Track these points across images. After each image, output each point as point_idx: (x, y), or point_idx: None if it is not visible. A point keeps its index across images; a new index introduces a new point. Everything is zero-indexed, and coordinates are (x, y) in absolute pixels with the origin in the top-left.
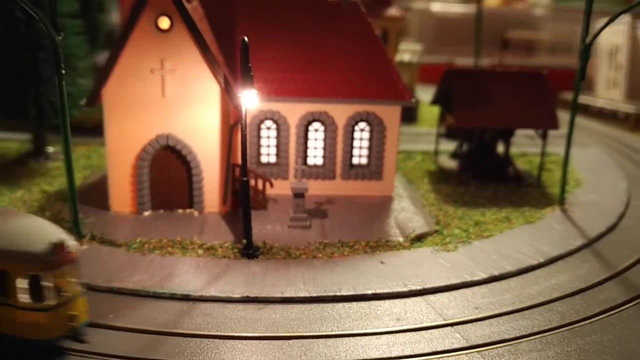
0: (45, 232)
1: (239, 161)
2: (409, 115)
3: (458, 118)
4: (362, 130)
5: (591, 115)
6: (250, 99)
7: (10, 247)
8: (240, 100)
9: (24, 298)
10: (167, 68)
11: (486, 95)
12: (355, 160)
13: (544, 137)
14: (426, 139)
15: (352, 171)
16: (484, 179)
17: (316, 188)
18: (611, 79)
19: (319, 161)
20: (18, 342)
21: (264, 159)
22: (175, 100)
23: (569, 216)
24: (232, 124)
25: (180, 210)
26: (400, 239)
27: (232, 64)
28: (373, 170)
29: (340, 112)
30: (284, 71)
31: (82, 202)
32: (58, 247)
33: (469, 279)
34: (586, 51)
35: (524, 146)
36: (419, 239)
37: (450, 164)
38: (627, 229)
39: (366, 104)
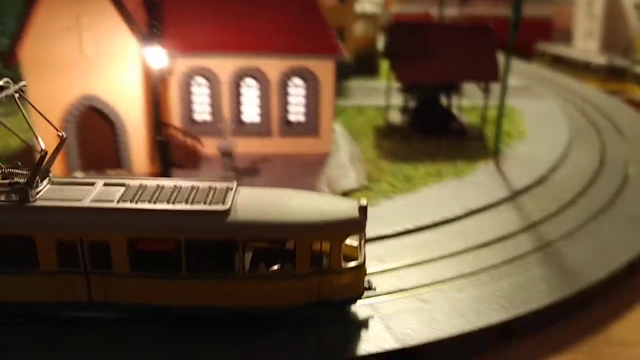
0: (331, 200)
1: (171, 120)
2: (370, 68)
3: (400, 72)
4: (296, 86)
5: (566, 67)
6: (156, 57)
7: (330, 218)
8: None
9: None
10: (83, 25)
11: (429, 49)
12: (291, 117)
13: (485, 90)
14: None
15: (289, 128)
16: (427, 133)
17: (253, 146)
18: (587, 30)
19: (255, 118)
20: (335, 305)
21: (197, 117)
22: (95, 60)
23: (500, 169)
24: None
25: (111, 171)
26: None
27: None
28: (310, 127)
29: (273, 67)
30: (213, 26)
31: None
32: (364, 209)
33: (383, 232)
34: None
35: (476, 98)
36: (345, 195)
37: (400, 119)
38: (554, 182)
39: (298, 59)
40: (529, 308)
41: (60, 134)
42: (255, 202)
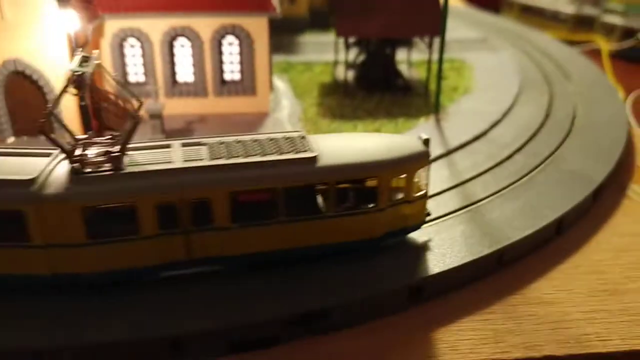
0: (396, 139)
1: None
2: (326, 23)
3: (340, 28)
4: (230, 44)
5: (535, 17)
6: (68, 20)
7: (404, 153)
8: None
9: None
10: None
11: (370, 3)
12: (227, 77)
13: (430, 44)
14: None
15: (225, 88)
16: (372, 89)
17: (188, 106)
18: None
19: (189, 78)
20: (407, 232)
21: (132, 79)
22: (17, 23)
23: (440, 125)
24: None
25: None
26: None
27: None
28: (246, 85)
29: (204, 26)
30: None
31: None
32: (427, 141)
33: None
34: None
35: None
36: None
37: (348, 75)
38: (493, 138)
39: (229, 16)
40: (442, 268)
41: (139, 101)
42: (334, 147)
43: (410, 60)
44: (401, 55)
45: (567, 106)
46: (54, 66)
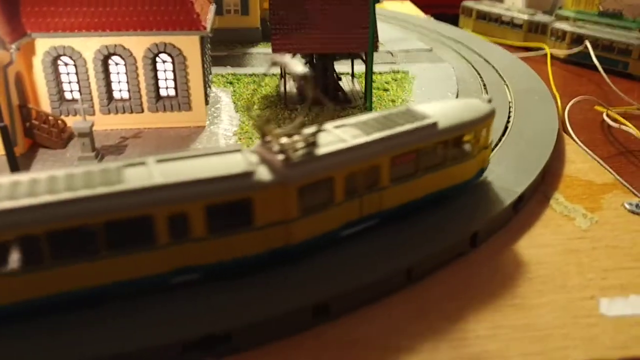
0: (467, 101)
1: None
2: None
3: (275, 44)
4: (164, 61)
5: (492, 24)
6: None
7: (484, 111)
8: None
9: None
10: None
11: (304, 19)
12: (162, 92)
13: (363, 59)
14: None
15: (160, 103)
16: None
17: (125, 122)
18: None
19: (125, 95)
20: (481, 173)
21: (67, 96)
22: None
23: None
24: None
25: None
26: None
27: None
28: (181, 101)
29: (136, 44)
30: (73, 5)
31: None
32: (490, 100)
33: None
34: None
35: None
36: None
37: (290, 88)
38: None
39: (160, 35)
40: (350, 285)
41: None
42: (437, 113)
43: (354, 73)
44: (345, 67)
45: (502, 116)
46: None
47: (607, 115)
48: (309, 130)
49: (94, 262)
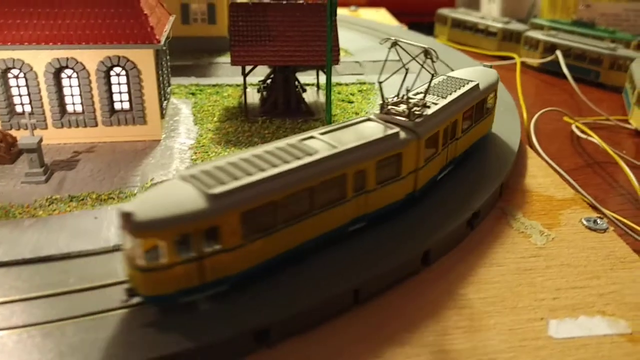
0: (476, 68)
1: None
2: None
3: (234, 56)
4: (118, 75)
5: (468, 32)
6: None
7: (495, 78)
8: None
9: None
10: None
11: (265, 30)
12: (117, 106)
13: (325, 71)
14: (257, 70)
15: (114, 117)
16: (274, 114)
17: (78, 136)
18: None
19: (78, 108)
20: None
21: (18, 109)
22: None
23: None
24: None
25: None
26: (135, 189)
27: None
28: (136, 115)
29: (89, 57)
30: (23, 17)
31: None
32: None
33: None
34: None
35: (340, 76)
36: (155, 184)
37: (253, 99)
38: None
39: (113, 48)
40: (292, 309)
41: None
42: (470, 77)
43: (319, 84)
44: (312, 78)
45: None
46: None
47: (576, 126)
48: (416, 96)
49: (307, 221)
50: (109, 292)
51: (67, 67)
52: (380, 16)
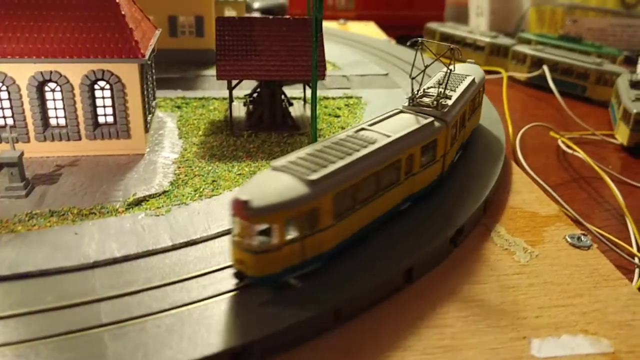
0: (469, 66)
1: None
2: None
3: (220, 69)
4: (102, 88)
5: (457, 45)
6: None
7: (482, 74)
8: None
9: None
10: None
11: (251, 45)
12: (100, 120)
13: (311, 85)
14: (244, 84)
15: (98, 130)
16: (259, 128)
17: (61, 150)
18: (478, 7)
19: (62, 122)
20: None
21: (0, 122)
22: None
23: None
24: None
25: None
26: (117, 204)
27: None
28: (120, 128)
29: (73, 71)
30: (0, 30)
31: None
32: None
33: (151, 247)
34: (319, 3)
35: (328, 90)
36: (139, 202)
37: (239, 113)
38: None
39: (98, 62)
40: (272, 328)
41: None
42: (467, 73)
43: (305, 98)
44: (297, 92)
45: None
46: None
47: (562, 141)
48: (431, 90)
49: (374, 202)
50: (87, 310)
51: (50, 80)
52: (369, 30)
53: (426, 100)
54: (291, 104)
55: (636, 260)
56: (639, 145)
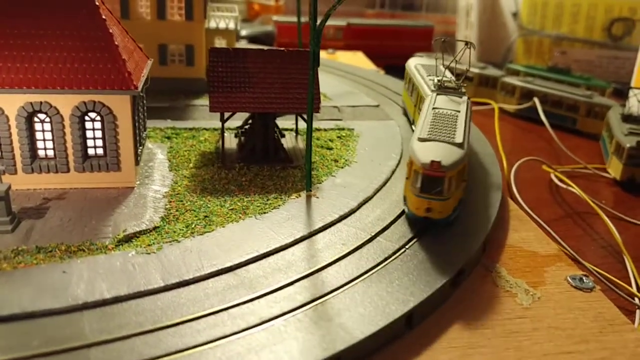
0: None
1: None
2: None
3: (212, 101)
4: (93, 120)
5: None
6: None
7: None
8: None
9: None
10: None
11: (245, 77)
12: (90, 152)
13: (305, 119)
14: (236, 115)
15: (87, 163)
16: (251, 161)
17: (50, 182)
18: (466, 37)
19: (50, 153)
20: None
21: None
22: None
23: (310, 203)
24: None
25: None
26: (107, 241)
27: None
28: (110, 161)
29: (64, 102)
30: None
31: None
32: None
33: (142, 288)
34: (317, 37)
35: (319, 121)
36: (130, 239)
37: (230, 145)
38: (361, 217)
39: (89, 94)
40: None
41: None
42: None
43: (298, 130)
44: (291, 122)
45: None
46: None
47: (555, 175)
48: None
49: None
50: (76, 356)
51: (40, 111)
52: (357, 59)
53: (450, 85)
54: (283, 136)
55: (637, 300)
56: (631, 180)
